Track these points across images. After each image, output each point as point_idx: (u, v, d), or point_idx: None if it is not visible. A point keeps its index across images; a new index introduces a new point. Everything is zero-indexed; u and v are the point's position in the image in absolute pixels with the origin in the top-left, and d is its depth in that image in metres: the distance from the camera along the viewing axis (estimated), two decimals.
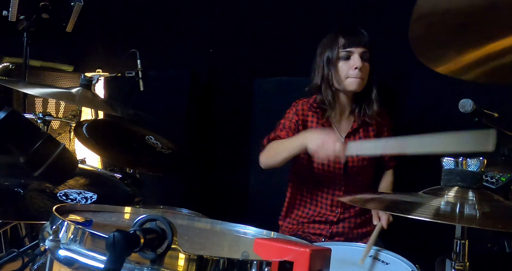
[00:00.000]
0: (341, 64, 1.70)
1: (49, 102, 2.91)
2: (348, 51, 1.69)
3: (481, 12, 0.70)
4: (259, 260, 0.70)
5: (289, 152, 1.63)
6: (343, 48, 1.70)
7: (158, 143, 2.03)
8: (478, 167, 0.98)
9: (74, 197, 1.24)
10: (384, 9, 2.26)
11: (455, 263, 0.97)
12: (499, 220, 0.87)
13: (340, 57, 1.70)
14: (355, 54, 1.69)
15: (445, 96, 2.02)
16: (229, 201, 2.69)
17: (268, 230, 1.06)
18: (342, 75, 1.70)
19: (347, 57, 1.70)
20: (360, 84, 1.70)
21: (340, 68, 1.71)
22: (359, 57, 1.68)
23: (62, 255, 0.76)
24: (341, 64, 1.70)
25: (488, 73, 0.86)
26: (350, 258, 1.34)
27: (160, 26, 2.99)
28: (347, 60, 1.70)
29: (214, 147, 2.82)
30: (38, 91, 1.71)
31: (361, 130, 1.79)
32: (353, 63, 1.68)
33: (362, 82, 1.70)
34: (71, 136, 2.66)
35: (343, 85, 1.71)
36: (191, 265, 0.68)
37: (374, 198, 1.21)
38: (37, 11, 2.35)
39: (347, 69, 1.69)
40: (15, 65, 2.71)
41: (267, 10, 2.60)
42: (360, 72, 1.68)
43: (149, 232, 0.67)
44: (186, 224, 1.12)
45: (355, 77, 1.68)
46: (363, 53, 1.69)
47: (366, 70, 1.70)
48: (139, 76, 2.18)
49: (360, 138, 1.78)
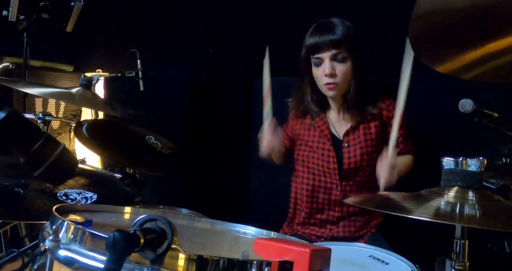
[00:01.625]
0: (314, 70, 1.64)
1: (49, 102, 2.91)
2: (318, 57, 1.60)
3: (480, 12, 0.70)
4: (259, 260, 0.70)
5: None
6: (313, 54, 1.61)
7: (158, 143, 2.03)
8: (478, 167, 0.98)
9: (74, 197, 1.24)
10: (384, 9, 2.25)
11: (455, 263, 0.97)
12: (499, 220, 0.87)
13: (313, 63, 1.64)
14: (325, 59, 1.59)
15: (445, 96, 2.01)
16: (229, 201, 2.69)
17: (268, 230, 1.06)
18: (318, 82, 1.64)
19: (319, 64, 1.61)
20: (336, 90, 1.62)
21: (315, 75, 1.64)
22: (330, 61, 1.58)
23: (62, 255, 0.76)
24: (315, 71, 1.64)
25: (488, 73, 0.86)
26: (350, 258, 1.33)
27: (160, 26, 2.99)
28: (319, 66, 1.62)
29: (214, 147, 2.82)
30: (38, 91, 1.71)
31: (361, 127, 1.72)
32: (323, 69, 1.59)
33: (338, 86, 1.61)
34: (71, 136, 2.66)
35: (323, 91, 1.66)
36: (191, 265, 0.68)
37: (374, 198, 1.21)
38: (37, 11, 2.36)
39: (320, 75, 1.61)
40: (15, 65, 2.71)
41: (267, 10, 2.60)
42: (333, 78, 1.59)
43: (149, 232, 0.67)
44: (186, 224, 1.12)
45: (327, 84, 1.60)
46: (334, 55, 1.58)
47: (342, 72, 1.59)
48: (139, 76, 2.19)
49: (359, 136, 1.74)
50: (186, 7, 2.88)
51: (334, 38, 1.57)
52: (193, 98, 2.74)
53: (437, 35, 0.79)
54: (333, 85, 1.61)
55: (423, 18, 0.74)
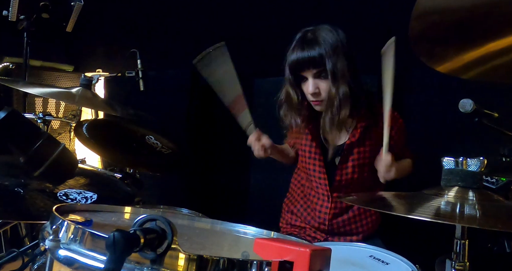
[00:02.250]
0: (301, 85, 1.62)
1: (49, 102, 2.91)
2: (302, 76, 1.59)
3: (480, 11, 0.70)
4: (259, 260, 0.70)
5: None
6: (297, 72, 1.59)
7: (158, 143, 2.03)
8: (478, 167, 0.98)
9: (74, 197, 1.24)
10: (384, 9, 2.25)
11: (455, 263, 0.97)
12: (499, 220, 0.87)
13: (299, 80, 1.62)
14: (309, 78, 1.57)
15: (445, 96, 2.01)
16: (229, 201, 2.69)
17: (268, 230, 1.06)
18: (306, 96, 1.63)
19: (304, 80, 1.60)
20: (322, 106, 1.61)
21: (302, 89, 1.63)
22: (313, 79, 1.56)
23: (62, 255, 0.76)
24: (302, 86, 1.62)
25: (488, 72, 0.86)
26: (350, 258, 1.33)
27: (160, 26, 2.99)
28: (305, 82, 1.60)
29: (214, 147, 2.82)
30: (38, 91, 1.71)
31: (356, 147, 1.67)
32: (307, 87, 1.58)
33: (323, 103, 1.60)
34: (71, 136, 2.66)
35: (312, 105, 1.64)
36: (191, 265, 0.68)
37: (374, 198, 1.21)
38: (37, 11, 2.36)
39: (306, 93, 1.61)
40: (15, 65, 2.72)
41: (267, 10, 2.60)
42: (316, 97, 1.58)
43: (149, 232, 0.67)
44: (186, 224, 1.12)
45: (312, 101, 1.60)
46: (317, 73, 1.55)
47: (326, 90, 1.57)
48: (139, 76, 2.19)
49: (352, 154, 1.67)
50: (186, 7, 2.88)
51: (313, 56, 1.53)
52: (193, 98, 2.74)
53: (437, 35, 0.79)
54: (318, 102, 1.60)
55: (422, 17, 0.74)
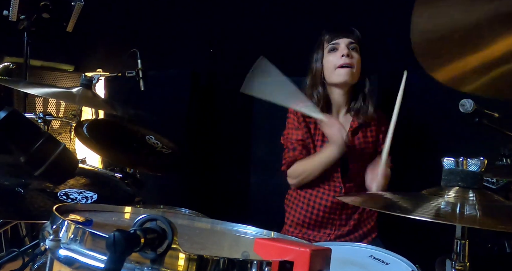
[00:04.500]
0: (329, 57, 1.69)
1: (50, 101, 2.91)
2: (334, 43, 1.68)
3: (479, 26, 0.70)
4: (259, 260, 0.70)
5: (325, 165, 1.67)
6: (329, 42, 1.70)
7: (158, 143, 2.03)
8: (478, 167, 0.97)
9: (75, 196, 1.24)
10: (384, 9, 2.25)
11: (456, 263, 0.97)
12: (499, 221, 0.87)
13: (327, 50, 1.70)
14: (341, 44, 1.68)
15: (445, 96, 2.01)
16: (229, 201, 2.68)
17: (268, 230, 1.06)
18: (331, 67, 1.68)
19: (334, 49, 1.69)
20: (350, 74, 1.66)
21: (328, 61, 1.69)
22: (346, 47, 1.67)
23: (62, 255, 0.76)
24: (329, 57, 1.69)
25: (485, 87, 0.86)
26: (350, 258, 1.33)
27: (160, 26, 2.99)
28: (334, 52, 1.69)
29: (214, 147, 2.82)
30: (38, 90, 1.71)
31: (360, 131, 1.75)
32: (340, 52, 1.67)
33: (352, 71, 1.66)
34: (72, 136, 2.66)
35: (334, 78, 1.68)
36: (191, 265, 0.68)
37: (374, 198, 1.21)
38: (38, 11, 2.35)
39: (335, 59, 1.67)
40: (16, 64, 2.71)
41: (267, 10, 2.60)
42: (348, 59, 1.65)
43: (149, 231, 0.67)
44: (186, 224, 1.12)
45: (343, 64, 1.65)
46: (350, 43, 1.68)
47: (355, 60, 1.67)
48: (140, 76, 2.18)
49: (358, 138, 1.74)
50: (186, 7, 2.88)
51: (351, 31, 1.71)
52: (193, 98, 2.74)
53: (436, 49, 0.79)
54: (348, 68, 1.64)
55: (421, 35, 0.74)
